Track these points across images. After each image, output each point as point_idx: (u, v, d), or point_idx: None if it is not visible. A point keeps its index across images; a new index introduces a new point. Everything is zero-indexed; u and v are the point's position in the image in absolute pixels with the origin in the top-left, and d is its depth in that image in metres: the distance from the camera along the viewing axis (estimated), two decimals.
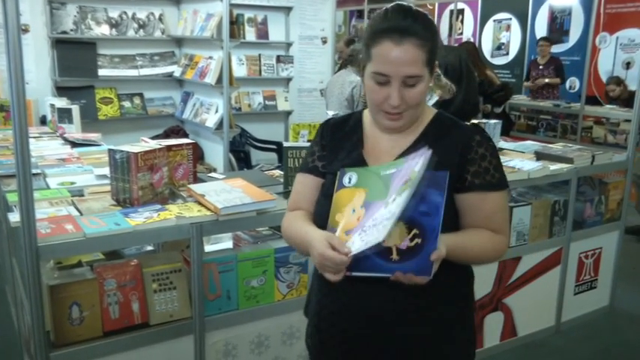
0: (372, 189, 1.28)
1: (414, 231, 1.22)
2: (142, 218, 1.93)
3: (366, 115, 1.48)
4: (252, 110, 5.50)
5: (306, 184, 1.48)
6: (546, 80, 7.16)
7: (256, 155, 5.31)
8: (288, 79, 5.63)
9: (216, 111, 4.62)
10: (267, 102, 5.55)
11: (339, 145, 1.44)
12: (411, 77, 1.31)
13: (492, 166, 1.37)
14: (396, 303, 1.34)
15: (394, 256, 1.22)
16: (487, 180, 1.36)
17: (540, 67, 7.28)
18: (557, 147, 3.46)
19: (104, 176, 2.36)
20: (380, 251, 1.22)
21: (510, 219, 1.64)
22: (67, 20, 4.72)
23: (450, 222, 1.32)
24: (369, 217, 1.23)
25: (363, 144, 1.44)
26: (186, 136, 5.00)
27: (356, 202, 1.28)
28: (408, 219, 1.23)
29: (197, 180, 2.39)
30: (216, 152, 4.66)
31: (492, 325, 3.03)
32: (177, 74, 5.15)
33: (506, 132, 4.71)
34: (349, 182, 1.32)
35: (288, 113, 5.64)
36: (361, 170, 1.34)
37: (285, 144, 2.51)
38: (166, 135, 5.03)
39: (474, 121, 3.38)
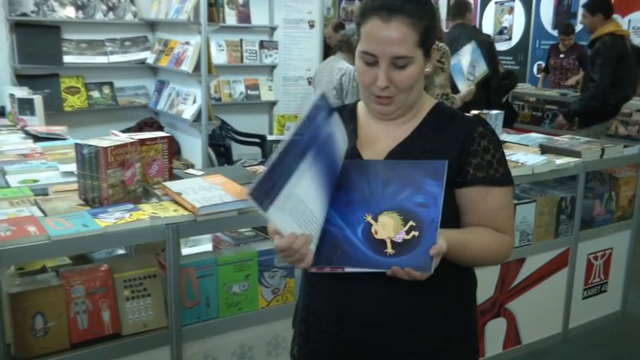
0: None
1: (410, 223, 1.24)
2: (112, 219, 1.92)
3: (361, 106, 1.51)
4: (233, 101, 5.49)
5: None
6: (573, 83, 7.11)
7: (238, 150, 5.32)
8: (273, 67, 5.63)
9: (194, 101, 4.61)
10: (249, 91, 5.55)
11: None
12: (399, 58, 1.33)
13: (496, 159, 1.39)
14: (393, 304, 1.35)
15: (389, 249, 1.24)
16: (490, 174, 1.38)
17: (561, 55, 7.24)
18: (564, 139, 3.47)
19: (70, 173, 2.34)
20: (372, 245, 1.24)
21: (513, 217, 1.69)
22: (28, 1, 4.68)
23: (449, 219, 1.33)
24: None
25: (357, 135, 1.45)
26: (160, 129, 4.98)
27: None
28: (403, 209, 1.24)
29: (173, 177, 2.39)
30: (193, 147, 4.66)
31: (494, 333, 3.04)
32: (150, 61, 5.13)
33: (508, 123, 4.73)
34: None
35: (273, 104, 5.64)
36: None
37: (269, 137, 2.52)
38: (139, 128, 5.01)
39: (474, 112, 3.39)
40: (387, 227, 1.24)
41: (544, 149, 3.21)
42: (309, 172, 1.22)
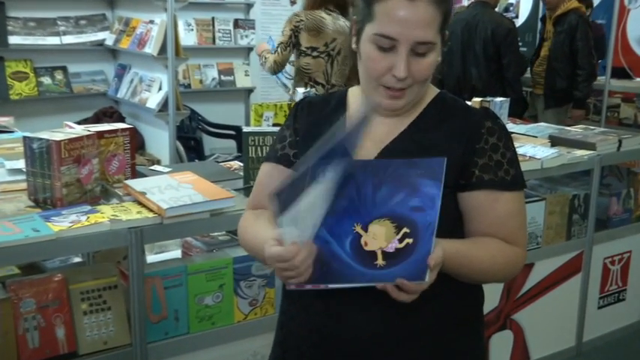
0: None
1: (404, 230, 1.24)
2: (67, 223, 1.91)
3: (352, 94, 1.49)
4: (204, 87, 5.52)
5: (272, 176, 1.48)
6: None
7: (210, 143, 5.37)
8: (249, 49, 5.64)
9: (160, 88, 4.62)
10: (222, 77, 5.56)
11: (316, 130, 1.41)
12: (422, 44, 1.30)
13: (506, 159, 1.38)
14: (383, 326, 1.33)
15: (379, 261, 1.23)
16: (499, 177, 1.37)
17: None
18: (577, 130, 3.47)
19: (18, 171, 2.31)
20: (362, 258, 1.24)
21: (525, 226, 1.64)
22: None
23: (450, 228, 1.33)
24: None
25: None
26: (121, 120, 4.98)
27: None
28: (396, 216, 1.24)
29: (136, 174, 2.39)
30: (159, 140, 4.67)
31: (500, 347, 3.04)
32: (109, 43, 5.12)
33: (519, 113, 4.76)
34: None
35: (250, 91, 5.66)
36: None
37: (246, 129, 2.52)
38: (97, 119, 5.01)
39: (476, 99, 3.41)
40: (379, 237, 1.24)
41: (554, 141, 3.21)
42: (324, 181, 1.23)
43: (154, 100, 4.61)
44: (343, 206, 1.29)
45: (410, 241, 1.23)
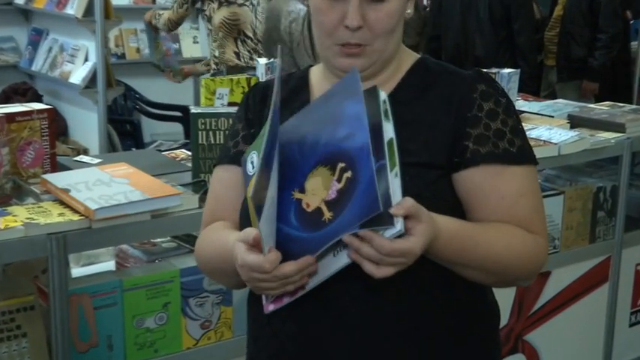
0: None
1: (340, 165, 1.26)
2: None
3: (315, 73, 1.54)
4: (142, 58, 5.54)
5: (228, 184, 1.51)
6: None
7: (151, 127, 5.43)
8: (199, 10, 5.58)
9: (86, 59, 4.60)
10: None
11: None
12: None
13: (509, 127, 1.40)
14: (368, 353, 1.34)
15: (325, 215, 1.25)
16: (502, 148, 1.38)
17: None
18: (602, 107, 3.46)
19: None
20: (309, 223, 1.26)
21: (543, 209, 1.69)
22: None
23: None
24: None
25: None
26: (38, 99, 4.91)
27: None
28: (327, 156, 1.27)
29: (57, 167, 2.38)
30: (86, 123, 4.67)
31: None
32: (20, 1, 5.06)
33: (534, 91, 4.72)
34: (252, 168, 1.35)
35: (199, 62, 5.58)
36: (258, 141, 1.36)
37: (194, 109, 2.50)
38: (6, 97, 4.96)
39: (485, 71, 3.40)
40: (317, 190, 1.26)
41: (574, 121, 3.20)
42: (273, 170, 1.27)
43: (78, 74, 4.59)
44: (279, 183, 1.31)
45: (348, 174, 1.24)
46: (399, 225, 1.20)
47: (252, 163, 1.35)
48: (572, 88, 5.20)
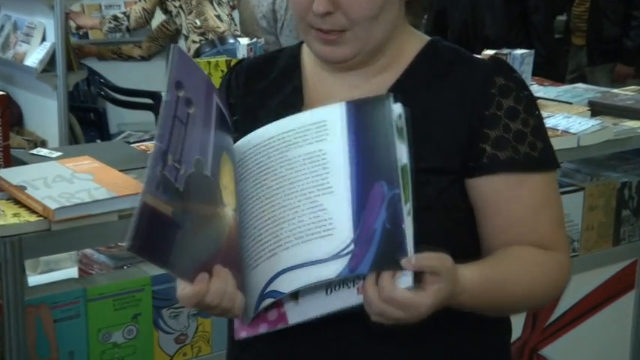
0: None
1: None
2: None
3: (307, 52, 1.52)
4: (107, 38, 5.55)
5: None
6: None
7: (118, 116, 5.57)
8: None
9: (43, 39, 4.60)
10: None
11: (260, 103, 1.49)
12: None
13: (530, 128, 1.38)
14: None
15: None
16: (523, 153, 1.37)
17: None
18: (627, 93, 3.45)
19: None
20: None
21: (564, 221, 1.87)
22: None
23: (456, 229, 1.36)
24: None
25: (303, 97, 1.47)
26: None
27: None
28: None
29: (11, 162, 2.42)
30: (44, 112, 4.74)
31: None
32: None
33: (552, 76, 4.49)
34: None
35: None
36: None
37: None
38: None
39: (488, 52, 3.32)
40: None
41: (596, 109, 3.18)
42: None
43: (35, 55, 4.58)
44: None
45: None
46: (409, 280, 1.18)
47: None
48: (604, 71, 5.17)
